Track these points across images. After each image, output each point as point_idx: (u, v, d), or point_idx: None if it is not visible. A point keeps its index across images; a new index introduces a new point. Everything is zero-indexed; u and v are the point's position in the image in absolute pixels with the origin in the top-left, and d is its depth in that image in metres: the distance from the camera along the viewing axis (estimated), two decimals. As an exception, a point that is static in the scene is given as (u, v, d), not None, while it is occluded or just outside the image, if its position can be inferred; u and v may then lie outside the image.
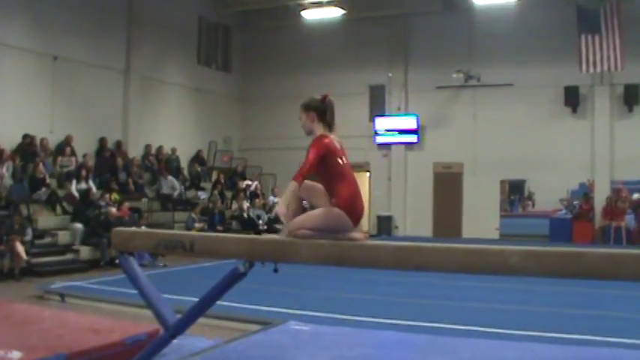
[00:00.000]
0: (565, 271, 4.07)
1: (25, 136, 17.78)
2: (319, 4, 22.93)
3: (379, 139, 25.40)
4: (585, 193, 22.05)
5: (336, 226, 4.91)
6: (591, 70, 21.19)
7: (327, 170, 5.02)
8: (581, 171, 22.30)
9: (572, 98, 22.58)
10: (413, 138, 24.91)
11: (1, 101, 17.44)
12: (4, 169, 16.02)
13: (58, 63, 19.18)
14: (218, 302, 5.58)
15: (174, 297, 9.17)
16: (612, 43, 20.81)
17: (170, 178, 21.02)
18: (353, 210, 4.95)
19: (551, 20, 22.38)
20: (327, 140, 5.04)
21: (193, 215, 19.33)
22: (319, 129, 5.15)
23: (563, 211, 22.89)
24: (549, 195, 22.86)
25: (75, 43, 19.59)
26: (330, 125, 5.20)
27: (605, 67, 21.04)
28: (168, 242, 5.56)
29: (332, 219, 4.91)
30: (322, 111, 5.18)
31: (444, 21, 24.23)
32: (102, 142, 20.40)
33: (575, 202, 22.41)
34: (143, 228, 15.09)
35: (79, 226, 16.23)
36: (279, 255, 5.06)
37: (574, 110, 22.72)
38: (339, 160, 5.07)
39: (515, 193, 24.85)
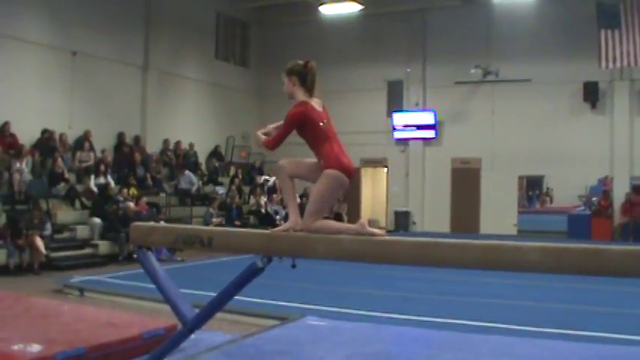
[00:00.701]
0: (584, 269, 4.04)
1: (44, 132, 17.90)
2: (337, 0, 22.89)
3: (397, 135, 25.35)
4: (604, 190, 21.89)
5: (336, 186, 5.00)
6: (611, 65, 21.03)
7: (310, 135, 5.12)
8: (600, 167, 22.14)
9: (592, 94, 22.41)
10: (431, 133, 24.85)
11: (21, 97, 17.55)
12: (24, 165, 16.11)
13: (76, 58, 19.27)
14: (236, 297, 5.58)
15: (192, 292, 9.21)
16: (632, 39, 20.65)
17: (188, 173, 21.06)
18: (341, 166, 5.00)
19: (570, 15, 22.22)
20: (302, 109, 5.10)
21: (211, 210, 19.38)
22: (300, 94, 5.20)
23: (582, 208, 22.76)
24: (568, 191, 22.74)
25: (94, 39, 19.67)
26: (310, 90, 5.22)
27: (625, 63, 20.87)
28: (187, 237, 5.57)
29: (329, 182, 4.97)
30: (304, 76, 5.21)
31: (462, 16, 24.13)
32: (120, 137, 20.48)
33: (594, 199, 22.27)
34: (162, 223, 15.18)
35: (97, 220, 16.32)
36: (297, 251, 5.06)
37: (593, 106, 22.56)
38: (321, 124, 5.13)
39: (533, 189, 24.70)
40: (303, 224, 5.01)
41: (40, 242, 13.84)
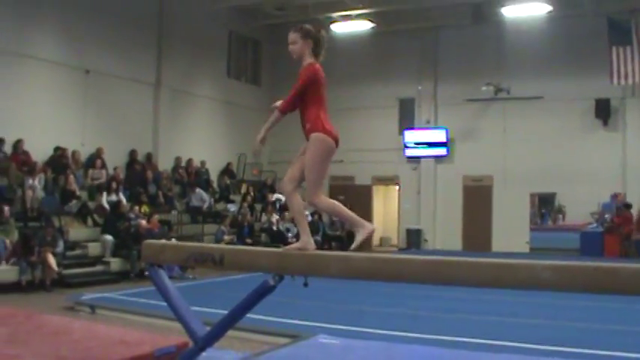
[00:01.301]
0: (598, 287, 4.01)
1: (57, 149, 17.99)
2: (349, 18, 22.98)
3: (409, 152, 25.37)
4: (618, 207, 21.76)
5: (325, 148, 5.08)
6: (622, 82, 21.03)
7: (309, 97, 5.14)
8: (613, 184, 22.07)
9: (603, 111, 22.38)
10: (442, 151, 24.86)
11: (34, 114, 17.66)
12: (37, 182, 16.20)
13: (89, 76, 19.39)
14: (247, 315, 5.57)
15: (204, 309, 9.18)
16: (644, 55, 20.67)
17: (199, 190, 21.09)
18: (326, 130, 5.07)
19: (581, 32, 22.21)
20: (318, 67, 5.18)
21: (223, 228, 19.39)
22: (309, 58, 5.22)
23: (594, 225, 22.64)
24: (580, 208, 22.63)
25: (106, 57, 19.81)
26: (317, 57, 5.26)
27: (637, 79, 20.88)
28: (198, 255, 5.56)
29: (318, 146, 5.06)
30: (317, 42, 5.25)
31: (473, 34, 24.16)
32: (132, 154, 20.56)
33: (607, 216, 22.15)
34: (173, 240, 15.18)
35: (109, 238, 16.34)
36: (310, 269, 5.05)
37: (605, 123, 22.52)
38: (321, 89, 5.17)
39: (545, 206, 24.63)
40: (309, 198, 5.12)
41: (52, 259, 13.87)
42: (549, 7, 20.91)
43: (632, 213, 21.35)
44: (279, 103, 5.24)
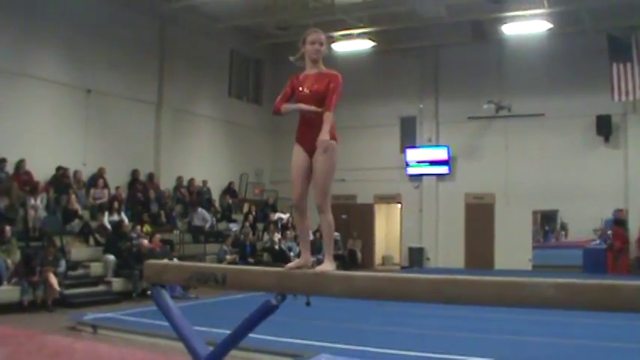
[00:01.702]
0: (602, 305, 3.99)
1: (59, 169, 18.01)
2: (350, 37, 23.06)
3: (410, 171, 25.39)
4: (614, 220, 21.72)
5: (337, 157, 5.21)
6: (623, 98, 21.07)
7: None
8: (615, 200, 22.02)
9: (605, 127, 22.41)
10: (444, 169, 24.88)
11: (36, 134, 17.69)
12: (39, 201, 16.18)
13: (91, 96, 19.45)
14: (250, 334, 5.55)
15: (206, 329, 9.14)
16: (644, 71, 20.71)
17: (201, 210, 21.08)
18: (336, 139, 5.22)
19: (582, 49, 22.27)
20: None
21: (225, 247, 19.37)
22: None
23: (597, 242, 22.59)
24: (582, 225, 22.58)
25: (108, 77, 19.87)
26: None
27: (638, 95, 20.92)
28: (201, 275, 5.55)
29: (336, 153, 5.22)
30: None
31: (474, 52, 24.22)
32: (134, 174, 20.56)
33: (609, 232, 22.11)
34: (175, 260, 15.18)
35: (111, 257, 16.32)
36: (312, 289, 5.03)
37: (606, 139, 22.53)
38: None
39: (547, 223, 24.59)
40: (323, 206, 5.13)
41: (53, 279, 13.84)
42: (549, 25, 20.95)
43: (623, 230, 21.45)
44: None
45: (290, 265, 5.23)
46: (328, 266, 5.04)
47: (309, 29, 5.43)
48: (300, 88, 5.24)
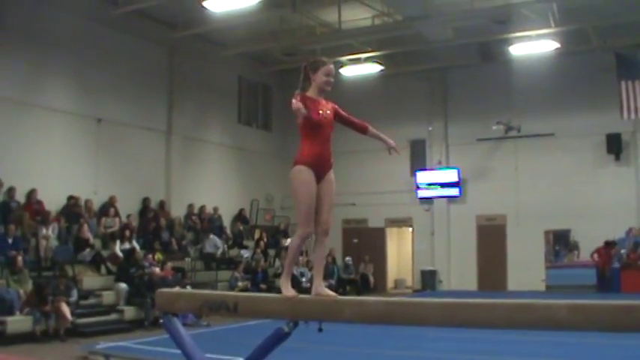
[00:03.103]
0: (616, 326, 3.97)
1: (70, 198, 18.07)
2: (358, 61, 23.13)
3: (421, 194, 25.36)
4: (635, 242, 21.65)
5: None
6: (632, 116, 21.02)
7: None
8: (627, 218, 21.93)
9: (615, 145, 22.38)
10: (455, 191, 24.84)
11: (47, 163, 17.77)
12: (50, 231, 16.23)
13: (101, 125, 19.55)
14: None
15: (219, 357, 9.13)
16: (653, 89, 20.69)
17: (212, 237, 21.08)
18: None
19: (590, 68, 22.29)
20: None
21: (236, 274, 19.35)
22: None
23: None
24: (595, 244, 22.40)
25: (118, 106, 19.99)
26: None
27: (647, 113, 20.86)
28: (212, 303, 5.55)
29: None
30: None
31: (482, 73, 24.26)
32: (145, 202, 20.60)
33: (623, 251, 21.98)
34: (188, 288, 15.18)
35: (123, 286, 16.30)
36: (323, 314, 5.02)
37: (617, 157, 22.50)
38: None
39: (560, 243, 24.45)
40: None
41: (65, 308, 13.83)
42: (557, 44, 20.96)
43: (616, 249, 21.49)
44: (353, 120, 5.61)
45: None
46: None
47: (323, 59, 5.50)
48: (321, 112, 5.28)
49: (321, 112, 5.29)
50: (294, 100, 5.08)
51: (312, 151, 5.22)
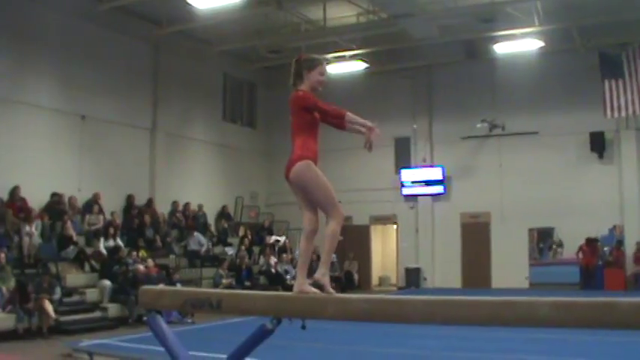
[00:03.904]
0: (597, 322, 4.00)
1: (54, 195, 17.96)
2: (342, 59, 23.11)
3: (406, 191, 25.40)
4: (619, 240, 21.79)
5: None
6: (616, 114, 21.17)
7: None
8: (611, 216, 22.06)
9: (598, 144, 22.50)
10: (439, 189, 24.89)
11: (31, 160, 17.66)
12: (33, 228, 16.13)
13: (85, 122, 19.46)
14: (246, 359, 5.52)
15: (203, 354, 9.12)
16: (636, 87, 20.82)
17: (197, 234, 21.03)
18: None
19: (574, 67, 22.38)
20: None
21: (221, 271, 19.31)
22: None
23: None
24: (579, 242, 22.50)
25: (102, 103, 19.90)
26: None
27: (630, 111, 21.03)
28: (196, 300, 5.55)
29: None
30: None
31: (466, 71, 24.32)
32: (129, 199, 20.51)
33: (606, 249, 22.11)
34: (178, 285, 15.17)
35: (107, 283, 16.24)
36: (307, 312, 5.02)
37: (600, 156, 22.61)
38: None
39: (544, 241, 24.56)
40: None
41: (49, 306, 13.75)
42: (541, 43, 21.06)
43: (598, 247, 21.64)
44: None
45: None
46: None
47: (319, 58, 5.55)
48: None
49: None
50: (376, 129, 5.40)
51: (315, 147, 5.31)
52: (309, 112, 5.30)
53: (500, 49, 21.85)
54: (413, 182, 25.26)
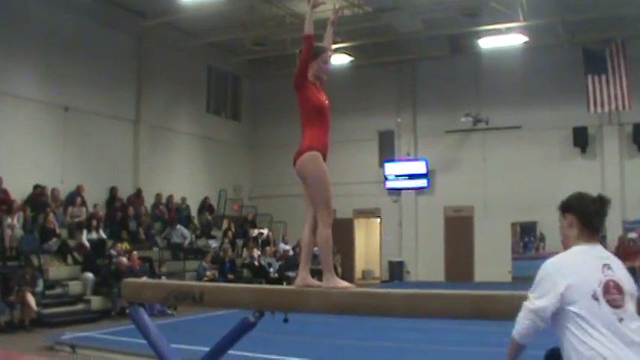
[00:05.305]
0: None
1: (36, 187, 17.83)
2: (327, 52, 23.06)
3: (389, 185, 25.44)
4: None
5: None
6: (599, 110, 21.29)
7: None
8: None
9: (581, 139, 22.62)
10: (423, 182, 24.94)
11: (13, 152, 17.55)
12: (15, 220, 16.03)
13: (69, 114, 19.35)
14: (229, 351, 5.53)
15: (185, 347, 9.10)
16: (619, 83, 20.93)
17: (180, 227, 20.97)
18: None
19: (558, 62, 22.48)
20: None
21: (204, 264, 19.28)
22: None
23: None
24: (561, 236, 22.64)
25: (85, 94, 19.78)
26: None
27: (613, 107, 21.15)
28: (178, 293, 5.54)
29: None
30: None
31: (451, 65, 24.36)
32: (112, 191, 20.43)
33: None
34: (163, 279, 15.13)
35: (89, 275, 16.19)
36: (289, 305, 5.04)
37: (583, 151, 22.75)
38: None
39: (527, 235, 24.66)
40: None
41: (31, 298, 13.69)
42: (525, 38, 21.15)
43: None
44: None
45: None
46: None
47: (323, 45, 5.46)
48: (324, 99, 5.39)
49: (324, 99, 5.29)
50: None
51: (322, 138, 5.35)
52: (308, 95, 5.33)
53: (485, 43, 21.92)
54: (397, 176, 25.29)
